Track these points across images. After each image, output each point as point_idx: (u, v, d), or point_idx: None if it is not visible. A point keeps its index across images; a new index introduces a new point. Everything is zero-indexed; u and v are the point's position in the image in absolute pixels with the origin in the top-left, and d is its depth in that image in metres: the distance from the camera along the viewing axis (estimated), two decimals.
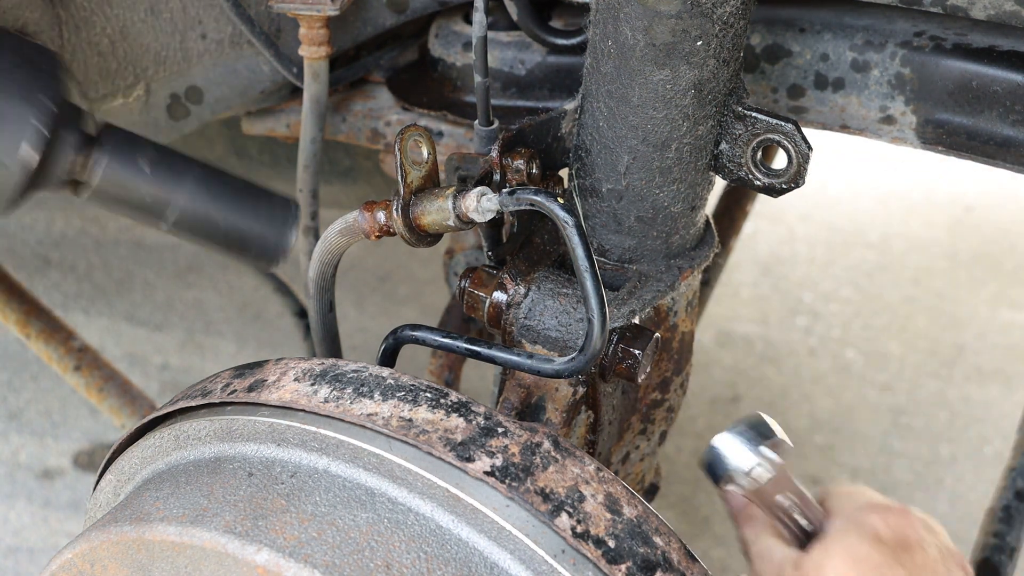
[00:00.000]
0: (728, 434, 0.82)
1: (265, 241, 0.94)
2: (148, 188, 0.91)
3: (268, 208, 0.93)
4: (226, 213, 0.92)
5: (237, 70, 1.19)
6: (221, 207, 0.92)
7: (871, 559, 0.86)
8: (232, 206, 0.92)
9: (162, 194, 0.92)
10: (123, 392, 1.55)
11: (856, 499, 0.93)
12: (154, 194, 0.92)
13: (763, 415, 0.84)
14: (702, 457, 0.83)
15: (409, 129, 0.87)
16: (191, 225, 0.92)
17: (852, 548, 0.86)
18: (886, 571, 0.86)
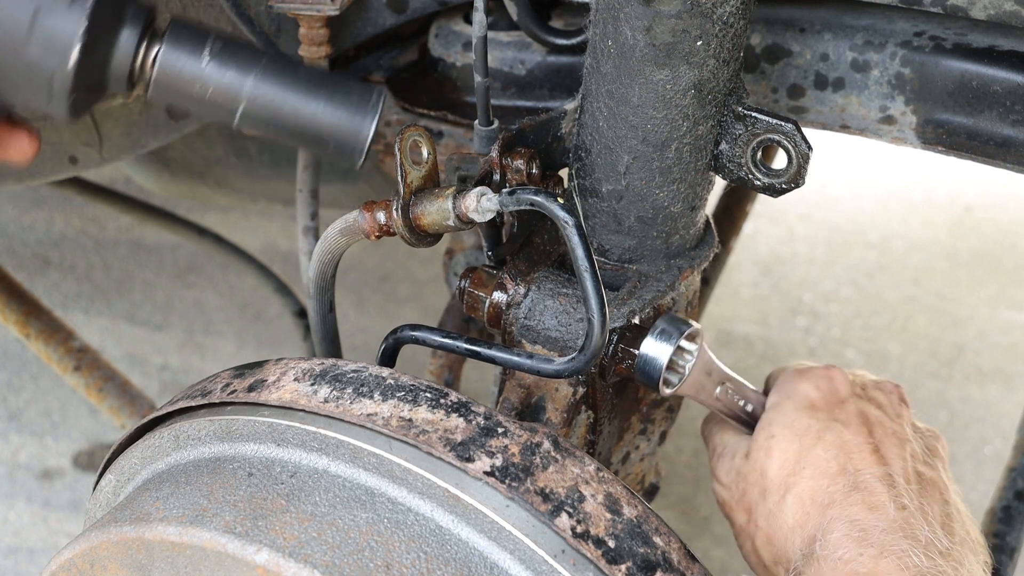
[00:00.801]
0: (648, 339, 0.89)
1: (343, 132, 0.87)
2: (212, 78, 0.87)
3: (345, 97, 0.88)
4: (298, 102, 0.87)
5: None
6: (292, 96, 0.87)
7: (811, 428, 0.91)
8: (305, 94, 0.87)
9: (228, 84, 0.87)
10: (123, 392, 1.55)
11: (785, 372, 0.99)
12: (218, 84, 0.87)
13: (675, 316, 0.91)
14: (635, 371, 0.90)
15: (409, 129, 0.87)
16: (261, 117, 0.88)
17: (792, 423, 0.92)
18: (826, 434, 0.91)
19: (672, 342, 0.89)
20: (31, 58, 0.84)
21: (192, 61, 0.87)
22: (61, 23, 0.83)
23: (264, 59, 0.88)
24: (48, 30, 0.83)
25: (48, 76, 0.84)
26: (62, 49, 0.83)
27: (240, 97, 0.87)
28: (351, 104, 0.88)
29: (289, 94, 0.87)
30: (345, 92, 0.88)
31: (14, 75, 0.85)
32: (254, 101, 0.87)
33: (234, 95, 0.88)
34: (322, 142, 0.88)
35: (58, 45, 0.83)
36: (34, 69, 0.84)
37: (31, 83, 0.85)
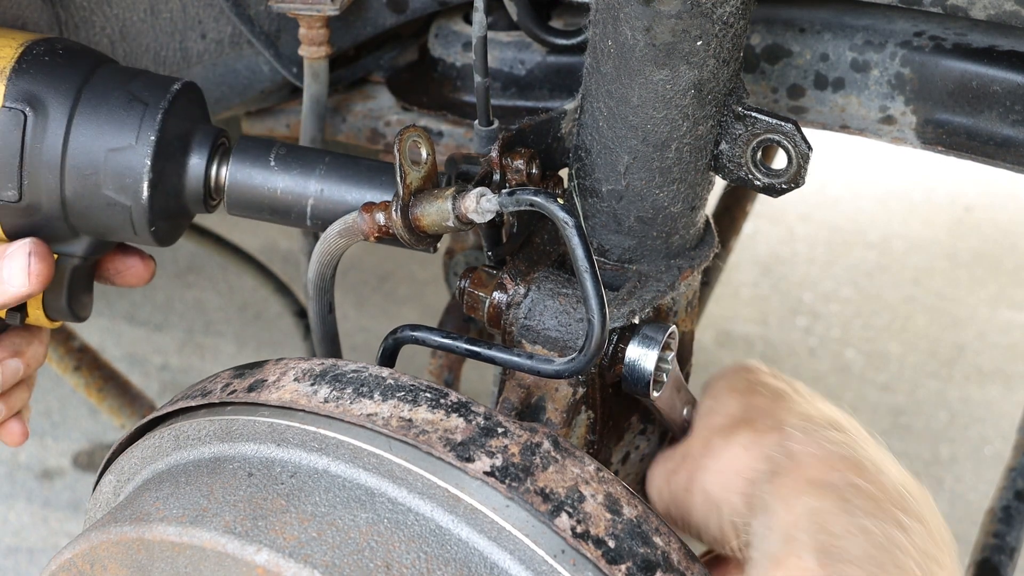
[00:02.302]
0: (633, 345, 0.89)
1: None
2: (280, 181, 0.92)
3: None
4: (362, 192, 0.92)
5: (237, 70, 1.18)
6: (356, 187, 0.92)
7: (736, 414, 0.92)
8: (368, 184, 0.92)
9: (295, 184, 0.92)
10: (123, 392, 1.55)
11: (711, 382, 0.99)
12: (286, 186, 0.92)
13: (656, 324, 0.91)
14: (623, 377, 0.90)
15: (408, 130, 0.87)
16: (331, 211, 0.92)
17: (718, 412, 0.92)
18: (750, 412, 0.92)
19: (655, 347, 0.89)
20: (109, 197, 0.89)
21: (259, 170, 0.93)
22: (129, 160, 0.88)
23: (327, 156, 0.94)
24: (118, 168, 0.88)
25: (127, 212, 0.90)
26: (134, 186, 0.89)
27: (308, 194, 0.91)
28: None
29: (354, 184, 0.92)
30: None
31: (99, 215, 0.90)
32: (321, 195, 0.91)
33: (302, 193, 0.92)
34: None
35: (129, 183, 0.89)
36: (114, 207, 0.89)
37: (115, 220, 0.91)
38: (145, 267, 1.00)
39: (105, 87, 0.89)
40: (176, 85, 0.90)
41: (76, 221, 0.91)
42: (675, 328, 0.91)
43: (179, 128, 0.90)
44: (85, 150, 0.88)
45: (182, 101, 0.90)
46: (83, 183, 0.88)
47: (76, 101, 0.88)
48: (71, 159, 0.88)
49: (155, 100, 0.89)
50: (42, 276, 0.90)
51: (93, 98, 0.88)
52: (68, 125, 0.88)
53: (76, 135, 0.88)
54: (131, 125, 0.88)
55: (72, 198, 0.89)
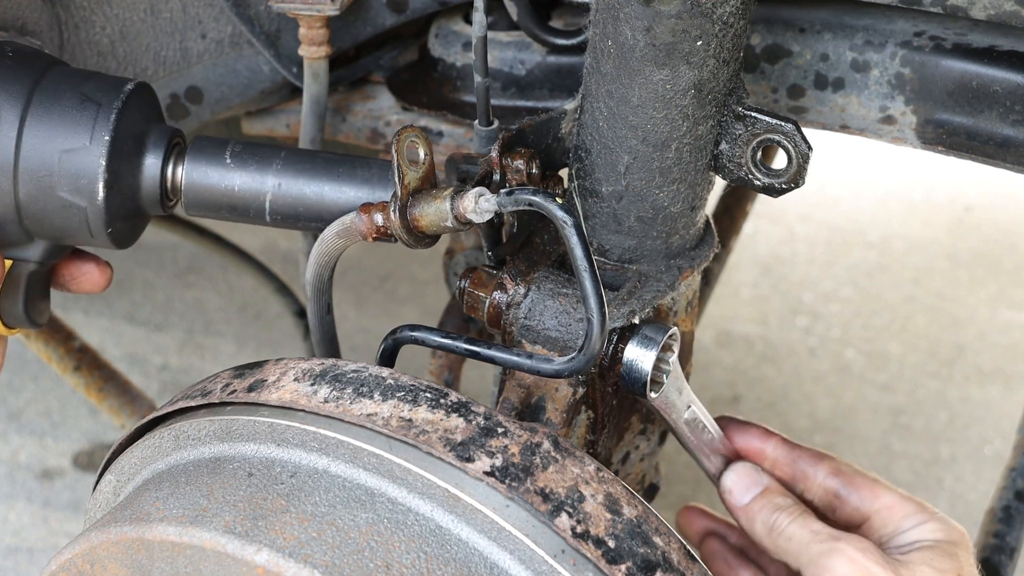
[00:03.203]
0: (632, 345, 0.89)
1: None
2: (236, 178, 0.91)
3: (365, 171, 0.91)
4: (321, 184, 0.91)
5: (237, 70, 1.18)
6: (314, 179, 0.91)
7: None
8: (326, 176, 0.91)
9: (252, 180, 0.91)
10: (123, 392, 1.55)
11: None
12: (243, 182, 0.91)
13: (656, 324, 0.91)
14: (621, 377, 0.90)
15: (406, 130, 0.87)
16: (290, 206, 0.91)
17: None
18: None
19: (654, 347, 0.89)
20: (64, 199, 0.88)
21: (215, 167, 0.92)
22: (84, 162, 0.87)
23: (283, 151, 0.92)
24: (73, 169, 0.87)
25: (83, 214, 0.89)
26: (89, 187, 0.88)
27: (265, 189, 0.91)
28: (372, 178, 0.91)
29: (311, 178, 0.92)
30: (365, 167, 0.91)
31: (54, 217, 0.89)
32: (279, 190, 0.91)
33: (260, 189, 0.92)
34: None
35: (84, 184, 0.88)
36: (69, 209, 0.88)
37: (70, 222, 0.90)
38: (101, 273, 0.99)
39: (57, 88, 0.88)
40: (129, 85, 0.89)
41: (31, 225, 0.89)
42: (676, 329, 0.91)
43: (134, 128, 0.89)
44: (38, 152, 0.86)
45: (136, 101, 0.89)
46: (37, 185, 0.87)
47: (28, 103, 0.86)
48: (24, 161, 0.86)
49: (108, 100, 0.87)
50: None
51: (45, 99, 0.87)
52: (20, 127, 0.86)
53: (28, 137, 0.86)
54: (85, 125, 0.87)
55: (26, 201, 0.88)
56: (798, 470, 1.01)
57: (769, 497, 0.97)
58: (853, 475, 0.99)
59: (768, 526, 0.95)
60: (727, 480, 0.99)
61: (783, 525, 0.94)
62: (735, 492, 0.98)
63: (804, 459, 1.01)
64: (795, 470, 1.01)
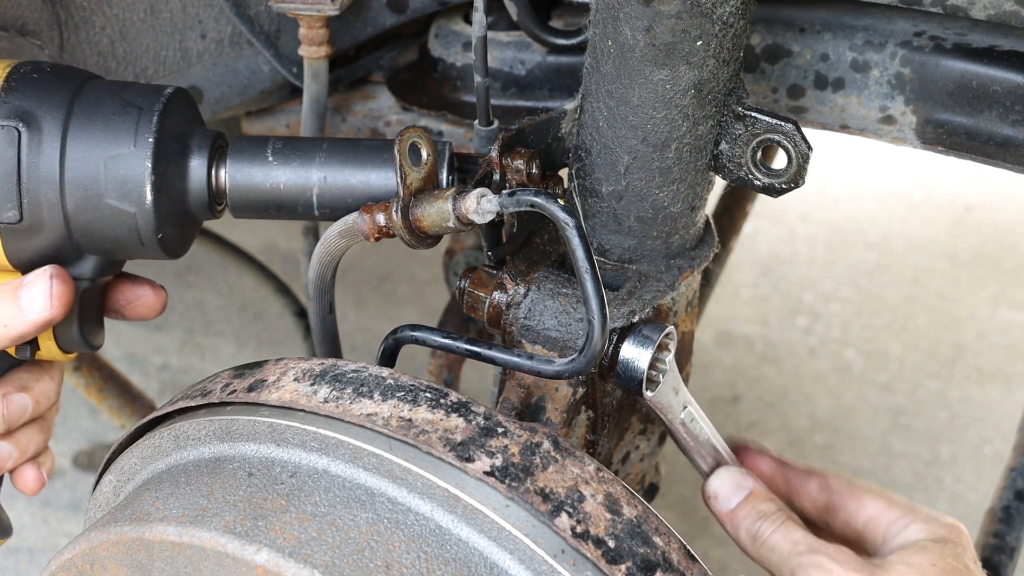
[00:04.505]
0: (628, 344, 0.89)
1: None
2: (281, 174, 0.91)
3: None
4: (366, 173, 0.90)
5: (237, 70, 1.18)
6: (359, 168, 0.90)
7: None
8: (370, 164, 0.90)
9: (297, 175, 0.91)
10: (123, 392, 1.55)
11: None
12: (288, 178, 0.91)
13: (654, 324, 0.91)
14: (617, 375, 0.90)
15: (408, 130, 0.87)
16: (336, 197, 0.91)
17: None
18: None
19: (650, 346, 0.89)
20: (113, 207, 0.87)
21: (258, 165, 0.91)
22: (130, 166, 0.87)
23: (325, 143, 0.92)
24: (119, 175, 0.87)
25: (132, 220, 0.88)
26: (136, 191, 0.87)
27: (312, 183, 0.90)
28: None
29: (356, 167, 0.91)
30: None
31: (104, 227, 0.88)
32: (326, 183, 0.90)
33: (305, 183, 0.91)
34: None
35: (132, 188, 0.87)
36: (119, 216, 0.88)
37: (120, 231, 0.89)
38: (156, 296, 0.98)
39: (97, 97, 0.88)
40: (169, 89, 0.89)
41: (80, 238, 0.88)
42: (672, 328, 0.91)
43: (176, 130, 0.89)
44: (83, 161, 0.86)
45: (176, 105, 0.89)
46: (84, 195, 0.87)
47: (69, 113, 0.86)
48: (70, 171, 0.86)
49: (149, 104, 0.87)
50: (64, 299, 0.87)
51: (86, 109, 0.87)
52: (63, 137, 0.86)
53: (72, 146, 0.86)
54: (127, 130, 0.86)
55: (74, 212, 0.87)
56: (791, 487, 1.01)
57: (753, 503, 0.96)
58: (842, 488, 0.99)
59: (752, 535, 0.94)
60: (712, 485, 0.98)
61: (766, 535, 0.93)
62: (720, 498, 0.98)
63: (796, 476, 1.01)
64: (789, 487, 1.01)
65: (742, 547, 0.96)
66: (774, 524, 0.93)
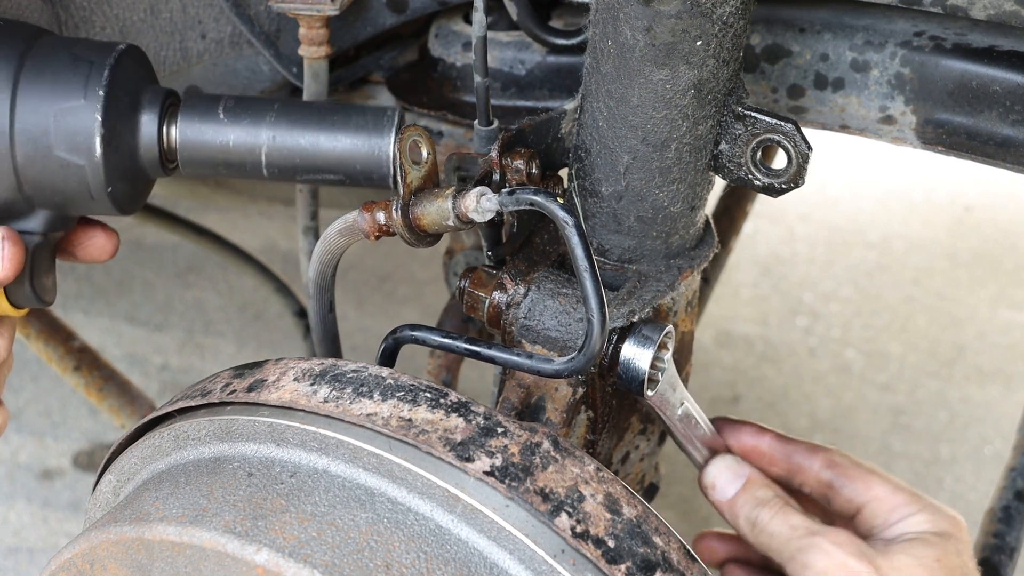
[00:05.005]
0: (628, 344, 0.89)
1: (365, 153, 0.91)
2: (231, 132, 0.91)
3: (360, 118, 0.91)
4: (316, 135, 0.91)
5: (237, 70, 1.18)
6: (309, 130, 0.91)
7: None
8: (320, 125, 0.91)
9: (247, 133, 0.91)
10: (123, 392, 1.55)
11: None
12: (238, 136, 0.91)
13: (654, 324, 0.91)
14: (618, 376, 0.90)
15: (408, 129, 0.87)
16: (285, 158, 0.91)
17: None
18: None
19: (651, 346, 0.89)
20: (62, 159, 0.87)
21: (209, 123, 0.91)
22: (79, 119, 0.87)
23: (276, 103, 0.92)
24: (69, 127, 0.87)
25: (82, 173, 0.88)
26: (86, 143, 0.87)
27: (260, 142, 0.91)
28: (367, 124, 0.90)
29: (305, 128, 0.91)
30: (360, 113, 0.91)
31: (54, 180, 0.89)
32: (274, 142, 0.90)
33: (255, 142, 0.92)
34: (347, 168, 0.91)
35: (81, 140, 0.87)
36: (68, 168, 0.88)
37: (70, 184, 0.89)
38: (108, 239, 0.97)
39: (49, 51, 0.88)
40: (121, 45, 0.89)
41: (31, 191, 0.89)
42: (672, 328, 0.91)
43: (128, 86, 0.89)
44: (33, 112, 0.86)
45: (128, 60, 0.89)
46: (34, 147, 0.87)
47: (20, 66, 0.87)
48: (19, 123, 0.86)
49: (100, 58, 0.87)
50: (16, 260, 0.89)
51: (37, 62, 0.87)
52: (13, 89, 0.86)
53: (23, 99, 0.86)
54: (78, 83, 0.87)
55: (24, 164, 0.87)
56: (793, 464, 1.01)
57: (751, 490, 0.96)
58: (848, 466, 0.99)
59: (751, 522, 0.95)
60: (709, 475, 0.99)
61: (765, 521, 0.94)
62: (718, 486, 0.98)
63: (799, 452, 1.01)
64: (790, 464, 1.01)
65: (742, 534, 0.96)
66: (772, 510, 0.94)
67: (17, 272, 0.90)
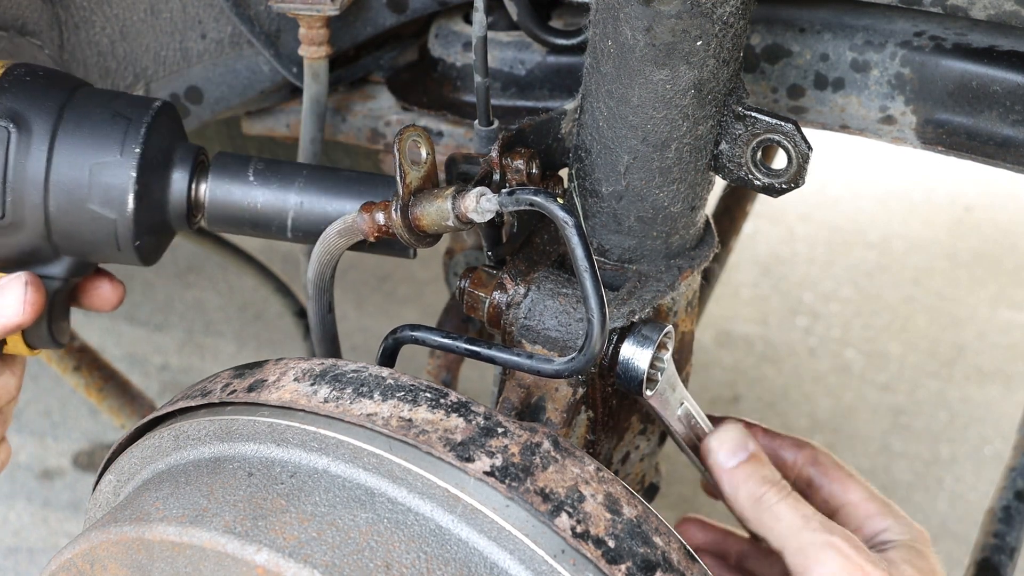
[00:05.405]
0: (628, 344, 0.89)
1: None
2: (259, 195, 0.93)
3: (385, 190, 0.94)
4: (341, 202, 0.93)
5: (237, 70, 1.19)
6: (335, 197, 0.93)
7: None
8: (346, 194, 0.93)
9: (275, 197, 0.93)
10: (123, 392, 1.55)
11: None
12: (266, 200, 0.93)
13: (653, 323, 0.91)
14: (617, 375, 0.90)
15: (408, 129, 0.87)
16: (311, 223, 0.94)
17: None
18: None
19: (650, 346, 0.89)
20: (94, 212, 0.89)
21: (239, 184, 0.94)
22: (114, 174, 0.89)
23: (305, 169, 0.95)
24: (104, 182, 0.89)
25: (112, 226, 0.90)
26: (119, 198, 0.89)
27: (288, 207, 0.93)
28: (391, 195, 0.92)
29: (333, 196, 0.95)
30: (384, 185, 0.94)
31: (84, 231, 0.91)
32: (301, 208, 0.93)
33: (282, 206, 0.94)
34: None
35: (115, 195, 0.89)
36: (99, 221, 0.90)
37: (98, 236, 0.91)
38: (113, 291, 1.00)
39: (87, 105, 0.90)
40: (157, 103, 0.91)
41: (59, 240, 0.91)
42: (671, 328, 0.91)
43: (161, 143, 0.91)
44: (70, 165, 0.88)
45: (163, 118, 0.91)
46: (68, 198, 0.89)
47: (59, 118, 0.88)
48: (55, 174, 0.88)
49: (138, 116, 0.90)
50: (36, 305, 0.91)
51: (76, 115, 0.89)
52: (52, 141, 0.88)
53: (60, 151, 0.88)
54: (115, 139, 0.88)
55: (56, 214, 0.89)
56: (779, 459, 1.00)
57: (756, 466, 0.94)
58: (829, 466, 0.99)
59: (755, 498, 0.92)
60: (713, 440, 0.95)
61: (771, 502, 0.92)
62: (721, 453, 0.95)
63: (784, 446, 1.01)
64: (777, 459, 1.00)
65: (737, 507, 0.93)
66: (781, 493, 0.92)
67: (37, 316, 0.92)
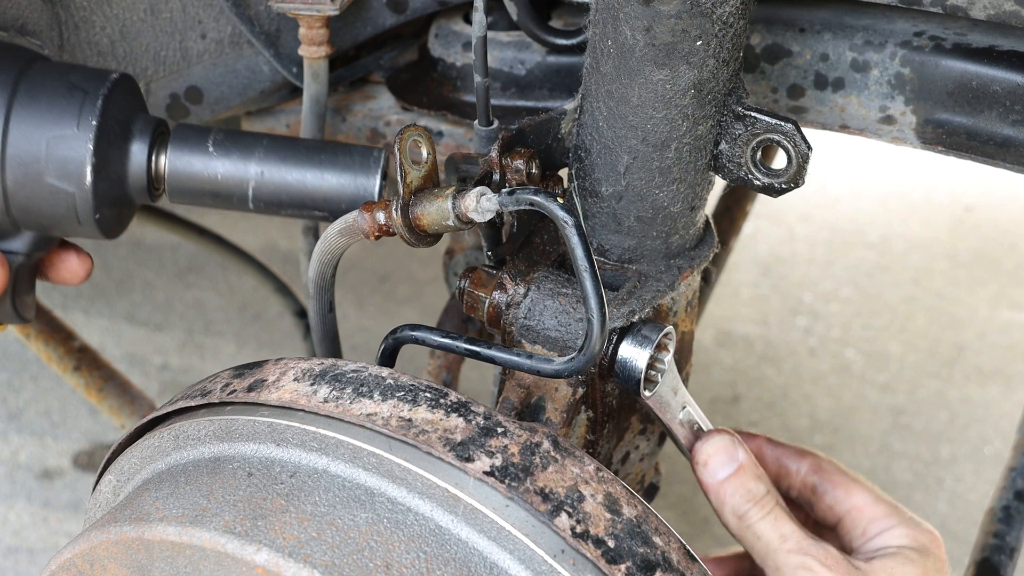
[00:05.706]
0: (627, 343, 0.89)
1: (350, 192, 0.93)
2: (219, 166, 0.93)
3: (347, 158, 0.93)
4: (303, 172, 0.93)
5: (237, 70, 1.18)
6: (296, 166, 0.93)
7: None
8: (308, 163, 0.93)
9: (235, 167, 0.93)
10: (123, 392, 1.55)
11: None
12: (226, 170, 0.93)
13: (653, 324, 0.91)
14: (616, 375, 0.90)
15: (408, 129, 0.87)
16: (272, 193, 0.93)
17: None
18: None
19: (649, 346, 0.89)
20: (52, 185, 0.89)
21: (198, 155, 0.93)
22: (71, 147, 0.88)
23: (265, 139, 0.94)
24: (61, 155, 0.88)
25: (71, 200, 0.90)
26: (77, 171, 0.89)
27: (248, 177, 0.92)
28: (353, 164, 0.92)
29: (293, 165, 0.94)
30: (346, 154, 0.93)
31: (42, 205, 0.90)
32: (262, 178, 0.93)
33: (242, 176, 0.94)
34: (333, 206, 0.93)
35: (72, 168, 0.89)
36: (57, 195, 0.89)
37: (58, 209, 0.91)
38: (81, 263, 0.99)
39: (43, 77, 0.89)
40: (114, 74, 0.91)
41: (18, 214, 0.90)
42: (671, 328, 0.91)
43: (120, 115, 0.90)
44: (25, 139, 0.87)
45: (121, 90, 0.90)
46: (24, 172, 0.88)
47: (14, 91, 0.88)
48: (11, 148, 0.88)
49: (94, 88, 0.89)
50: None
51: (31, 88, 0.88)
52: (7, 114, 0.87)
53: (15, 124, 0.87)
54: (71, 112, 0.88)
55: (14, 188, 0.88)
56: (782, 467, 1.01)
57: (743, 480, 0.94)
58: (832, 473, 0.99)
59: (738, 515, 0.93)
60: (703, 452, 0.95)
61: (753, 519, 0.92)
62: (710, 466, 0.95)
63: (787, 455, 1.01)
64: (779, 467, 1.01)
65: (724, 522, 0.95)
66: (763, 510, 0.92)
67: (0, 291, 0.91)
